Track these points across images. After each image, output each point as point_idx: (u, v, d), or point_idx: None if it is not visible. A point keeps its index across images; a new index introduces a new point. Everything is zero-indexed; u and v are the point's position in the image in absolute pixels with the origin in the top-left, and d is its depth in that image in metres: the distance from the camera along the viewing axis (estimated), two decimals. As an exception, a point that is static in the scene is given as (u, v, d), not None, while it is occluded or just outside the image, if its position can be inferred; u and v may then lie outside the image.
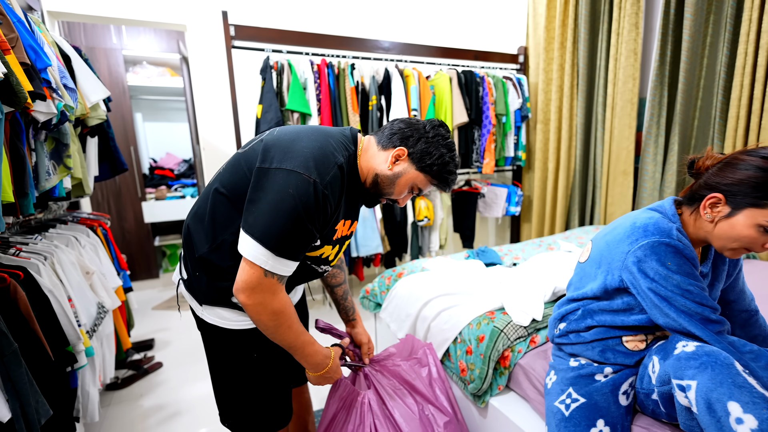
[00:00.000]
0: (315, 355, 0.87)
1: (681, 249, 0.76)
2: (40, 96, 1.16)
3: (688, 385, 0.66)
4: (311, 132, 0.82)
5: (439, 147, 0.85)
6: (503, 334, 1.13)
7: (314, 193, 0.73)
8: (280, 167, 0.73)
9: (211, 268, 0.83)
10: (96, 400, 1.40)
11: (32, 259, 1.21)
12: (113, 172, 2.00)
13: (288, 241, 0.74)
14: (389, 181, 0.86)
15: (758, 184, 0.70)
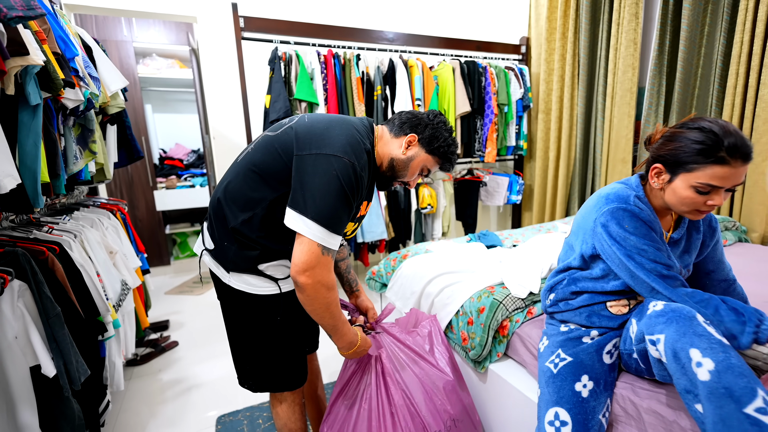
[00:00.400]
0: (349, 334, 0.97)
1: (637, 213, 0.86)
2: (70, 84, 1.24)
3: (658, 338, 0.74)
4: (340, 121, 0.92)
5: (443, 132, 0.99)
6: (502, 306, 1.21)
7: (354, 174, 0.84)
8: (321, 152, 0.83)
9: (241, 239, 0.91)
10: (121, 370, 1.51)
11: (64, 237, 1.30)
12: (130, 159, 2.08)
13: (338, 217, 0.83)
14: (404, 165, 0.99)
15: (686, 152, 0.80)
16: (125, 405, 1.72)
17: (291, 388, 1.06)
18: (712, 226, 0.97)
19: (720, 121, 0.80)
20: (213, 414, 1.63)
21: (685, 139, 0.81)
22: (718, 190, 0.79)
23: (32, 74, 0.99)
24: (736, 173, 0.78)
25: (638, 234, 0.85)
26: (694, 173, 0.80)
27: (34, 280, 0.96)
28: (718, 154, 0.77)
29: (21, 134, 1.02)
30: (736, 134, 0.77)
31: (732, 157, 0.76)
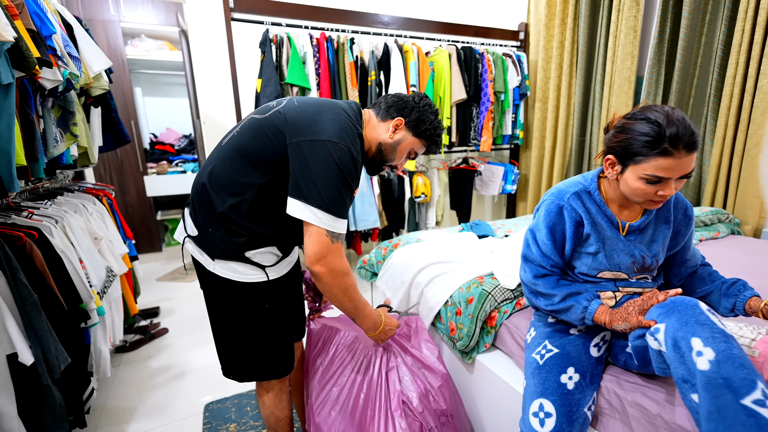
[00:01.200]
0: (372, 315, 1.00)
1: (563, 207, 0.92)
2: (47, 63, 1.19)
3: (657, 328, 0.73)
4: (330, 105, 0.91)
5: (428, 114, 1.00)
6: (491, 296, 1.20)
7: (351, 159, 0.84)
8: (317, 138, 0.83)
9: (229, 224, 0.89)
10: (107, 357, 1.49)
11: (44, 222, 1.27)
12: (116, 143, 2.03)
13: (343, 202, 0.85)
14: (391, 148, 0.99)
15: (632, 144, 0.80)
16: (113, 391, 1.72)
17: (279, 376, 1.05)
18: (687, 214, 0.96)
19: (666, 108, 0.79)
20: (201, 401, 1.63)
21: (633, 131, 0.80)
22: (667, 180, 0.79)
23: (2, 51, 0.95)
24: (681, 164, 0.77)
25: (547, 227, 0.92)
26: (641, 165, 0.80)
27: (9, 267, 0.93)
28: (662, 145, 0.76)
29: (-7, 115, 0.98)
30: (680, 123, 0.75)
31: (675, 148, 0.75)
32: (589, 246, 0.93)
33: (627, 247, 0.91)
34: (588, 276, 0.96)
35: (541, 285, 0.95)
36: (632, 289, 0.94)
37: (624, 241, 0.91)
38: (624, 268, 0.92)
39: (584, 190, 0.93)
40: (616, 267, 0.92)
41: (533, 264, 0.96)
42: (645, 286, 0.95)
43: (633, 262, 0.91)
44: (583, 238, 0.93)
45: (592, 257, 0.93)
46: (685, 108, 2.22)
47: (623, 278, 0.94)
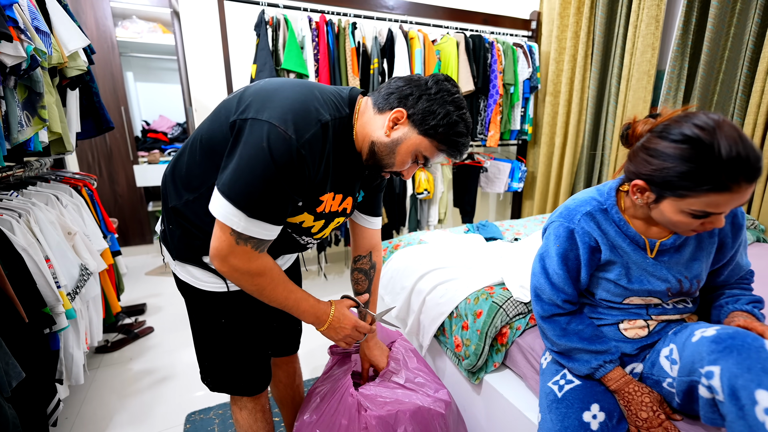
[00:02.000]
0: (311, 310, 0.82)
1: (575, 231, 0.79)
2: (6, 36, 1.05)
3: (711, 372, 0.60)
4: (298, 85, 0.73)
5: (444, 104, 0.72)
6: (502, 310, 1.07)
7: (290, 151, 0.65)
8: (256, 117, 0.66)
9: (184, 222, 0.78)
10: (80, 362, 1.37)
11: (5, 216, 1.14)
12: (98, 130, 1.89)
13: (261, 200, 0.66)
14: (388, 150, 0.75)
15: (671, 175, 0.63)
16: (89, 396, 1.60)
17: (249, 394, 0.94)
18: (736, 223, 0.79)
19: (712, 121, 0.60)
20: (183, 410, 1.51)
21: (669, 157, 0.63)
22: (719, 214, 0.64)
23: (-60, 17, 0.80)
24: (739, 197, 0.61)
25: (558, 254, 0.81)
26: (686, 200, 0.64)
27: (-53, 271, 0.80)
28: (716, 179, 0.59)
29: (-67, 93, 0.84)
30: (739, 146, 0.58)
31: (734, 182, 0.59)
32: (610, 272, 0.79)
33: (659, 271, 0.77)
34: (612, 302, 0.82)
35: (548, 328, 0.83)
36: (668, 316, 0.81)
37: (654, 263, 0.77)
38: (656, 294, 0.79)
39: (599, 209, 0.79)
40: (646, 293, 0.79)
41: (543, 300, 0.84)
42: (685, 312, 0.81)
43: (668, 288, 0.78)
44: (602, 263, 0.80)
45: (614, 284, 0.79)
46: (708, 105, 2.07)
47: (656, 304, 0.81)
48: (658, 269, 0.77)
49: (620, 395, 0.75)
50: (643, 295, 0.79)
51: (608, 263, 0.79)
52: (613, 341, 0.82)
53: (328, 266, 3.02)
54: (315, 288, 2.64)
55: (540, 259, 0.86)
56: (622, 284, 0.78)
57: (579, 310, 0.85)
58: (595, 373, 0.78)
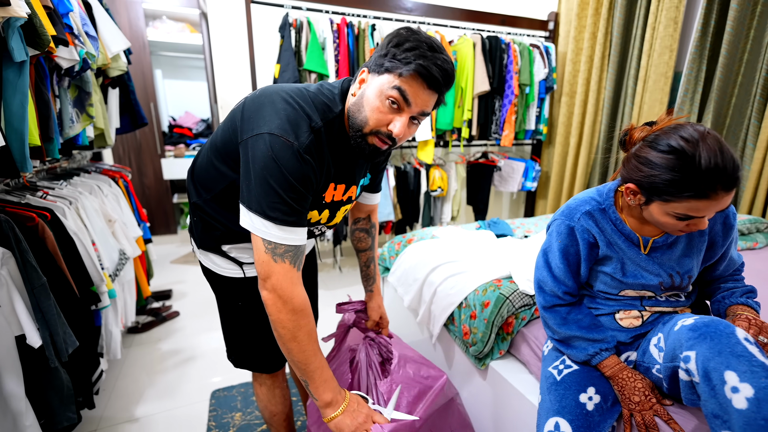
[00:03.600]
0: (327, 383, 0.76)
1: (574, 228, 0.85)
2: (63, 41, 1.17)
3: (688, 356, 0.66)
4: (290, 92, 0.74)
5: (390, 42, 0.70)
6: (508, 301, 1.14)
7: (294, 155, 0.68)
8: (259, 132, 0.69)
9: (204, 216, 0.87)
10: (118, 339, 1.50)
11: (58, 203, 1.27)
12: (134, 125, 2.03)
13: (283, 205, 0.69)
14: (357, 108, 0.74)
15: (657, 181, 0.70)
16: (123, 372, 1.74)
17: (266, 371, 1.04)
18: (727, 223, 0.84)
19: (697, 132, 0.66)
20: (209, 387, 1.63)
21: (656, 165, 0.69)
22: (701, 218, 0.71)
23: (15, 27, 0.92)
24: (718, 204, 0.67)
25: (560, 249, 0.87)
26: (670, 204, 0.70)
27: (18, 248, 0.92)
28: (696, 187, 0.65)
29: (6, 93, 0.96)
30: (718, 157, 0.64)
31: (712, 190, 0.65)
32: (607, 266, 0.86)
33: (651, 266, 0.83)
34: (608, 294, 0.89)
35: (550, 318, 0.90)
36: (661, 308, 0.87)
37: (647, 259, 0.83)
38: (649, 287, 0.85)
39: (598, 208, 0.85)
40: (640, 287, 0.85)
41: (546, 292, 0.91)
42: (677, 305, 0.87)
43: (660, 282, 0.83)
44: (600, 258, 0.87)
45: (610, 277, 0.86)
46: (726, 107, 2.07)
47: (650, 296, 0.87)
48: (651, 264, 0.83)
49: (614, 381, 0.81)
50: (637, 288, 0.85)
51: (605, 258, 0.85)
52: (609, 330, 0.88)
53: (343, 259, 3.13)
54: (330, 280, 2.74)
55: (543, 254, 0.92)
56: (617, 277, 0.84)
57: (579, 302, 0.92)
58: (592, 360, 0.84)
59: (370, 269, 1.13)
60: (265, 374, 1.04)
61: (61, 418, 1.04)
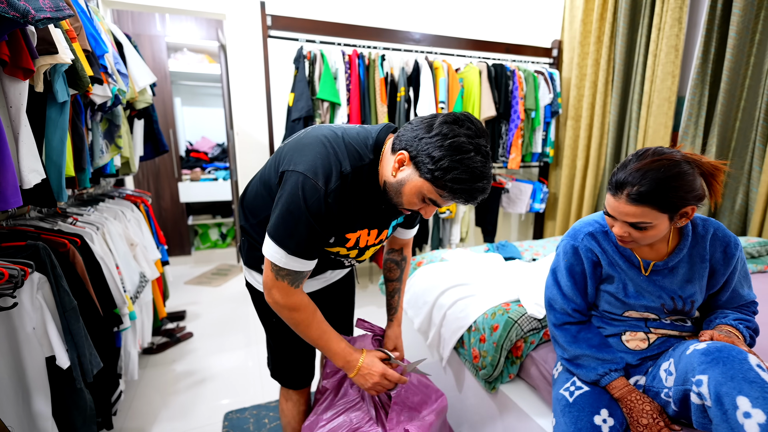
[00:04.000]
0: (342, 353, 0.88)
1: (578, 248, 0.92)
2: (98, 80, 1.27)
3: (700, 380, 0.68)
4: (328, 137, 0.81)
5: (440, 149, 0.70)
6: (517, 325, 1.16)
7: (319, 198, 0.75)
8: (294, 169, 0.77)
9: (249, 238, 0.95)
10: (136, 360, 1.55)
11: (87, 229, 1.34)
12: (155, 152, 2.14)
13: (296, 240, 0.76)
14: (395, 190, 0.79)
15: None
16: (139, 392, 1.77)
17: (293, 387, 1.09)
18: (728, 252, 0.87)
19: (632, 155, 0.82)
20: (222, 408, 1.65)
21: None
22: (614, 220, 0.83)
23: (60, 72, 1.02)
24: (616, 205, 0.80)
25: (566, 267, 0.93)
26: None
27: (53, 274, 0.98)
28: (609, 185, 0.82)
29: (48, 130, 1.05)
30: (621, 169, 0.80)
31: (610, 190, 0.81)
32: (610, 286, 0.90)
33: (652, 288, 0.86)
34: (613, 314, 0.92)
35: (560, 335, 0.94)
36: (666, 331, 0.89)
37: (648, 281, 0.87)
38: (652, 309, 0.87)
39: (600, 230, 0.92)
40: (643, 308, 0.88)
41: (556, 309, 0.96)
42: (683, 330, 0.89)
43: (662, 305, 0.86)
44: (603, 277, 0.92)
45: (614, 297, 0.90)
46: (730, 131, 2.10)
47: (653, 318, 0.89)
48: (652, 287, 0.86)
49: (623, 403, 0.83)
50: (640, 309, 0.87)
51: (608, 277, 0.89)
52: (618, 352, 0.90)
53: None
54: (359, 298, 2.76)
55: (552, 273, 0.97)
56: (620, 297, 0.87)
57: (588, 321, 0.95)
58: (601, 380, 0.86)
59: (394, 299, 1.14)
60: (292, 390, 1.10)
61: (83, 438, 1.08)
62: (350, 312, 1.22)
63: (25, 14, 0.74)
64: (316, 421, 0.97)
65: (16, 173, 0.87)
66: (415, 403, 1.00)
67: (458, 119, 0.73)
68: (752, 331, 0.85)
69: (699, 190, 0.77)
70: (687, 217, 0.80)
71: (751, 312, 0.90)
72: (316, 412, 1.00)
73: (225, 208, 3.94)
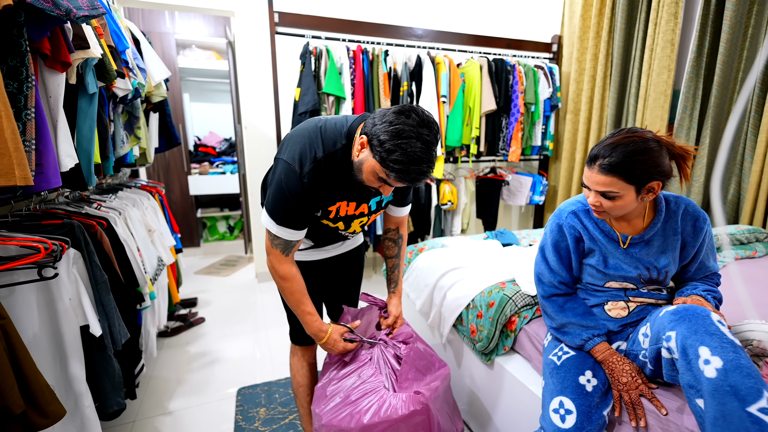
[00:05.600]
0: (310, 325, 1.05)
1: (562, 225, 1.00)
2: (121, 74, 1.36)
3: (669, 336, 0.76)
4: (309, 129, 0.95)
5: (386, 132, 0.81)
6: (511, 301, 1.25)
7: (296, 180, 0.91)
8: (280, 157, 0.94)
9: None
10: (154, 338, 1.65)
11: (110, 213, 1.44)
12: (169, 145, 2.23)
13: (282, 213, 0.94)
14: (357, 169, 0.91)
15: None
16: (156, 371, 1.88)
17: (296, 342, 1.22)
18: (697, 226, 0.95)
19: (614, 132, 0.90)
20: (234, 385, 1.75)
21: None
22: (588, 190, 0.92)
23: (91, 66, 1.11)
24: (589, 175, 0.89)
25: (551, 242, 1.02)
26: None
27: (86, 250, 1.08)
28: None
29: (79, 119, 1.14)
30: (598, 145, 0.89)
31: (587, 163, 0.90)
32: (591, 259, 0.99)
33: (630, 260, 0.95)
34: (596, 285, 1.01)
35: (548, 306, 1.03)
36: (644, 299, 0.97)
37: (625, 253, 0.95)
38: (630, 279, 0.96)
39: (582, 209, 1.01)
40: (621, 278, 0.96)
41: (544, 282, 1.04)
42: (659, 297, 0.97)
43: (639, 275, 0.95)
44: (586, 252, 1.00)
45: (595, 269, 0.98)
46: (723, 123, 2.17)
47: (632, 288, 0.97)
48: (629, 258, 0.94)
49: (605, 364, 0.91)
50: (619, 279, 0.95)
51: (590, 251, 0.98)
52: (601, 320, 0.98)
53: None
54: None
55: (540, 250, 1.06)
56: (601, 269, 0.96)
57: (574, 293, 1.03)
58: (585, 345, 0.94)
59: (394, 274, 1.26)
60: (297, 345, 1.24)
61: (111, 403, 1.18)
62: (357, 286, 1.33)
63: (68, 12, 0.83)
64: (329, 380, 1.06)
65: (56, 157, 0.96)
66: (422, 366, 1.09)
67: (404, 110, 0.83)
68: (717, 300, 0.94)
69: (665, 167, 0.85)
70: (653, 192, 0.88)
71: (714, 283, 0.99)
72: (329, 375, 1.09)
73: (233, 201, 4.04)
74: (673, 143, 0.88)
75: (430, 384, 1.07)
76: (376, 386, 1.00)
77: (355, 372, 1.05)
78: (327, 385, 1.05)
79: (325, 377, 1.09)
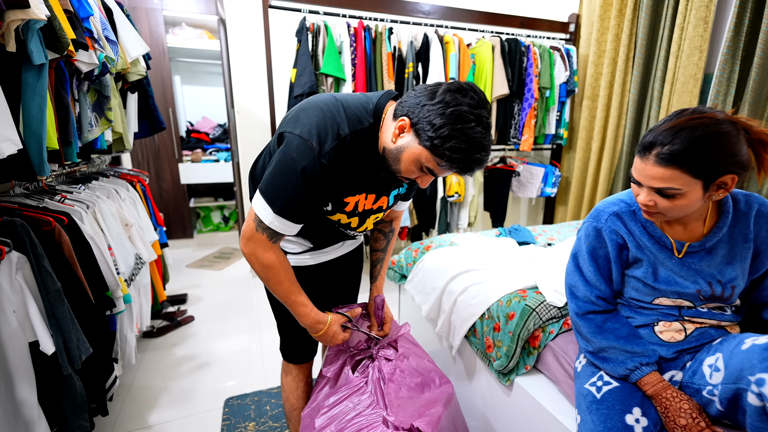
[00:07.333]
0: (306, 317, 0.89)
1: (601, 229, 0.83)
2: (83, 45, 1.17)
3: (761, 379, 0.59)
4: (327, 102, 0.79)
5: (442, 116, 0.69)
6: (535, 313, 1.08)
7: (313, 160, 0.73)
8: (291, 131, 0.76)
9: None
10: (133, 344, 1.49)
11: (76, 207, 1.26)
12: (152, 130, 2.04)
13: (287, 200, 0.75)
14: (393, 157, 0.77)
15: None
16: (138, 376, 1.73)
17: (293, 361, 1.07)
18: None
19: (675, 113, 0.73)
20: (223, 392, 1.60)
21: None
22: (639, 187, 0.75)
23: (35, 30, 0.92)
24: (642, 168, 0.72)
25: (587, 251, 0.85)
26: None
27: (33, 253, 0.91)
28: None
29: (25, 96, 0.96)
30: (652, 130, 0.72)
31: (638, 153, 0.74)
32: (637, 270, 0.81)
33: (686, 272, 0.77)
34: (641, 302, 0.83)
35: (583, 326, 0.85)
36: (704, 320, 0.79)
37: (681, 264, 0.77)
38: (686, 296, 0.78)
39: (627, 210, 0.82)
40: (675, 295, 0.78)
41: (578, 297, 0.87)
42: (722, 319, 0.80)
43: (698, 291, 0.77)
44: (630, 261, 0.82)
45: (642, 283, 0.80)
46: (761, 110, 1.97)
47: (688, 306, 0.80)
48: (686, 271, 0.77)
49: (657, 401, 0.75)
50: (672, 296, 0.78)
51: (636, 261, 0.81)
52: (650, 344, 0.81)
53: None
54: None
55: (573, 258, 0.89)
56: (649, 283, 0.78)
57: (615, 310, 0.86)
58: (631, 375, 0.78)
59: (376, 269, 1.15)
60: (292, 364, 1.08)
61: (73, 426, 1.03)
62: (356, 285, 1.21)
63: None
64: (317, 408, 0.90)
65: (-14, 141, 0.78)
66: (415, 384, 0.93)
67: (462, 88, 0.71)
68: None
69: (742, 156, 0.67)
70: (725, 189, 0.70)
71: None
72: (316, 399, 0.93)
73: (227, 190, 3.85)
74: (752, 126, 0.70)
75: (431, 410, 0.91)
76: (372, 421, 0.84)
77: (347, 399, 0.89)
78: (315, 413, 0.89)
79: (313, 402, 0.93)
